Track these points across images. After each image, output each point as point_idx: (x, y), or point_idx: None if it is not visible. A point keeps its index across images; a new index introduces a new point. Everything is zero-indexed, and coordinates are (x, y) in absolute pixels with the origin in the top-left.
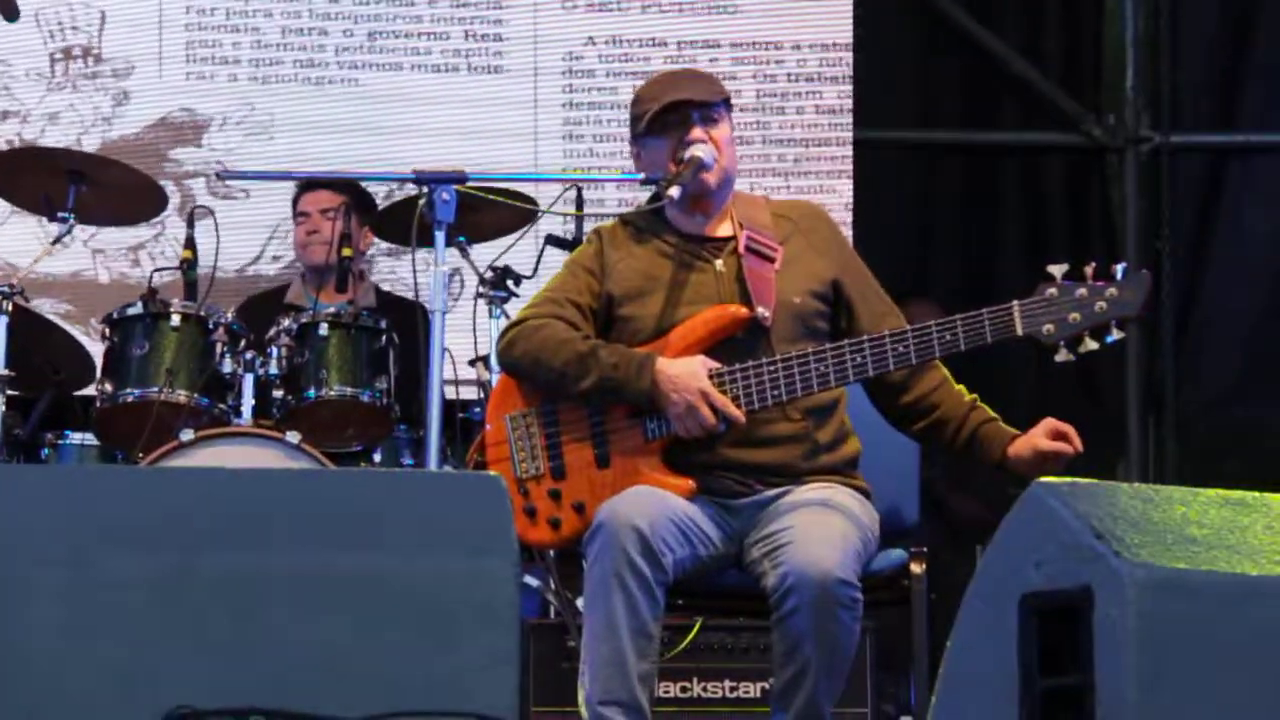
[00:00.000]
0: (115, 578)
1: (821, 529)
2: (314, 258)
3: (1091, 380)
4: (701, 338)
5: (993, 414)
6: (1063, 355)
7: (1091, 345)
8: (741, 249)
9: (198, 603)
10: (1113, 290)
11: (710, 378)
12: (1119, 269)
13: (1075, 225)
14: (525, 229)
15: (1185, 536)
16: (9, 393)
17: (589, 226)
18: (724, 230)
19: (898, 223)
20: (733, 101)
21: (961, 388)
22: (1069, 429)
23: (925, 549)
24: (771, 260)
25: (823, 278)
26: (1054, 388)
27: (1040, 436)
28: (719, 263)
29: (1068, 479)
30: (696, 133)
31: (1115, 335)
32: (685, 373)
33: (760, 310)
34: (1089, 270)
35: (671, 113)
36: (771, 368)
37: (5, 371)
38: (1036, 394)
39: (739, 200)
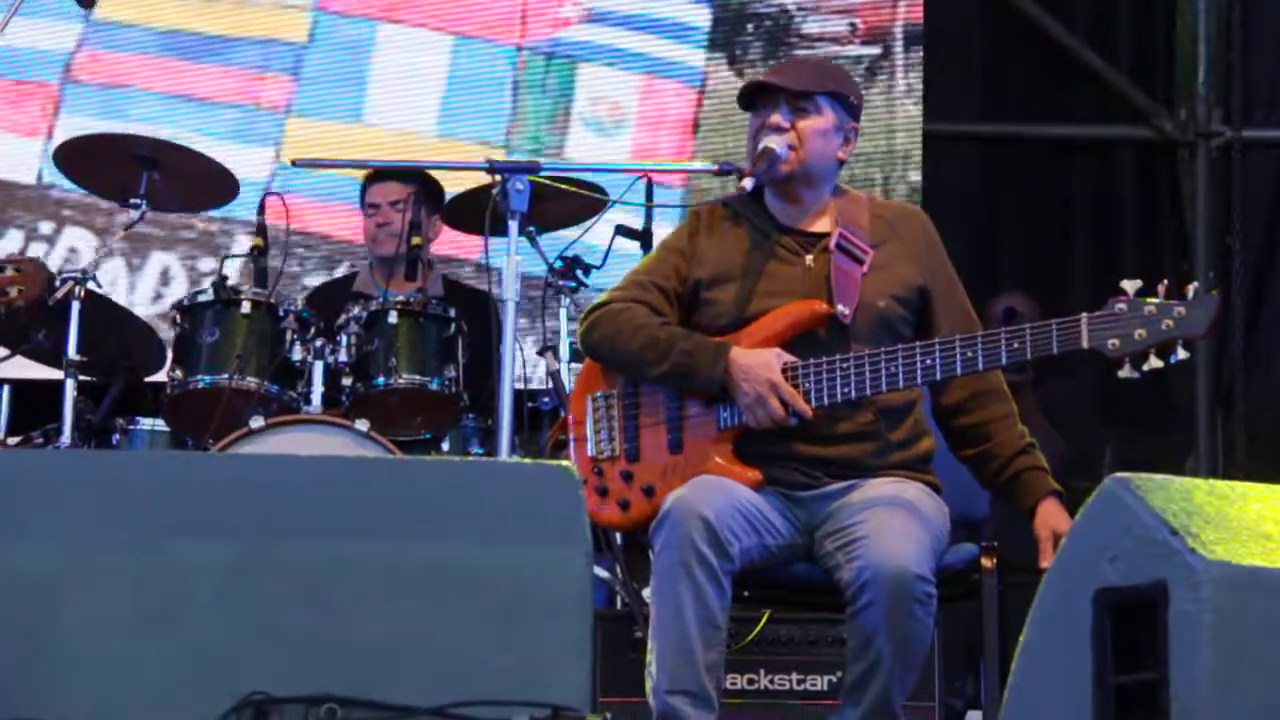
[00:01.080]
0: (188, 564)
1: (897, 524)
2: (384, 249)
3: (1161, 376)
4: (780, 330)
5: (1042, 462)
6: (1126, 371)
7: (1156, 363)
8: (832, 246)
9: (271, 590)
10: (1181, 309)
11: (783, 371)
12: (1191, 288)
13: (1145, 219)
14: (595, 219)
15: (1261, 533)
16: (81, 378)
17: (658, 217)
18: (821, 226)
19: (967, 215)
20: None
21: (1024, 428)
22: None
23: (995, 543)
24: (861, 261)
25: (910, 284)
26: (1123, 384)
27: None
28: (809, 258)
29: (1143, 474)
30: (774, 119)
31: (1180, 354)
32: (758, 363)
33: (840, 308)
34: (1161, 287)
35: (763, 95)
36: (844, 365)
37: (77, 357)
38: (1106, 390)
39: (842, 197)
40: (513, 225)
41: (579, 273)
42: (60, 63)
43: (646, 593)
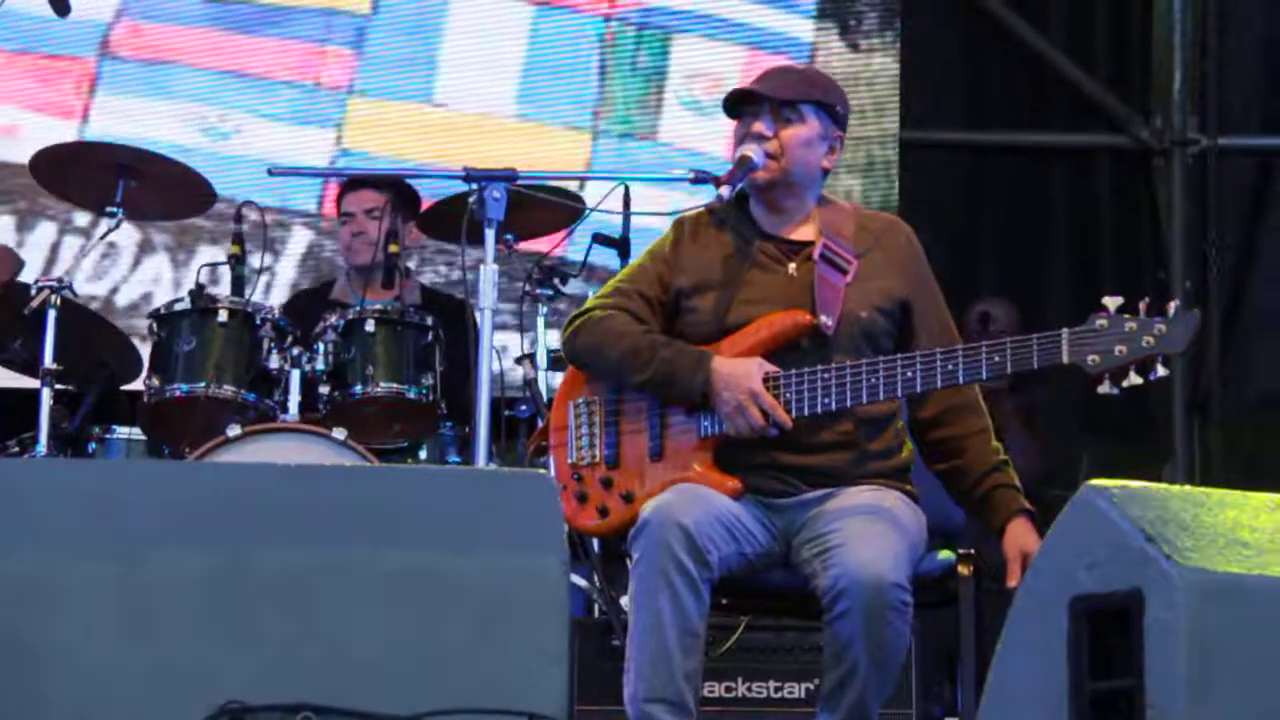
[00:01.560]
0: (166, 573)
1: (874, 532)
2: (359, 258)
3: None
4: (763, 340)
5: (1014, 480)
6: (1105, 387)
7: (1135, 380)
8: (815, 256)
9: (249, 599)
10: (1161, 326)
11: (765, 381)
12: (1172, 306)
13: (1122, 227)
14: (573, 227)
15: (1236, 540)
16: (57, 387)
17: (635, 225)
18: (804, 234)
19: (945, 224)
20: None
21: (997, 445)
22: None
23: (973, 550)
24: (844, 272)
25: (893, 296)
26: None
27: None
28: (792, 266)
29: (1118, 481)
30: (757, 127)
31: (1160, 371)
32: (740, 372)
33: (822, 318)
34: (1142, 305)
35: (745, 103)
36: (825, 375)
37: (53, 366)
38: (1084, 398)
39: (827, 206)
40: (489, 234)
41: (556, 281)
42: (97, 35)
43: (624, 601)
